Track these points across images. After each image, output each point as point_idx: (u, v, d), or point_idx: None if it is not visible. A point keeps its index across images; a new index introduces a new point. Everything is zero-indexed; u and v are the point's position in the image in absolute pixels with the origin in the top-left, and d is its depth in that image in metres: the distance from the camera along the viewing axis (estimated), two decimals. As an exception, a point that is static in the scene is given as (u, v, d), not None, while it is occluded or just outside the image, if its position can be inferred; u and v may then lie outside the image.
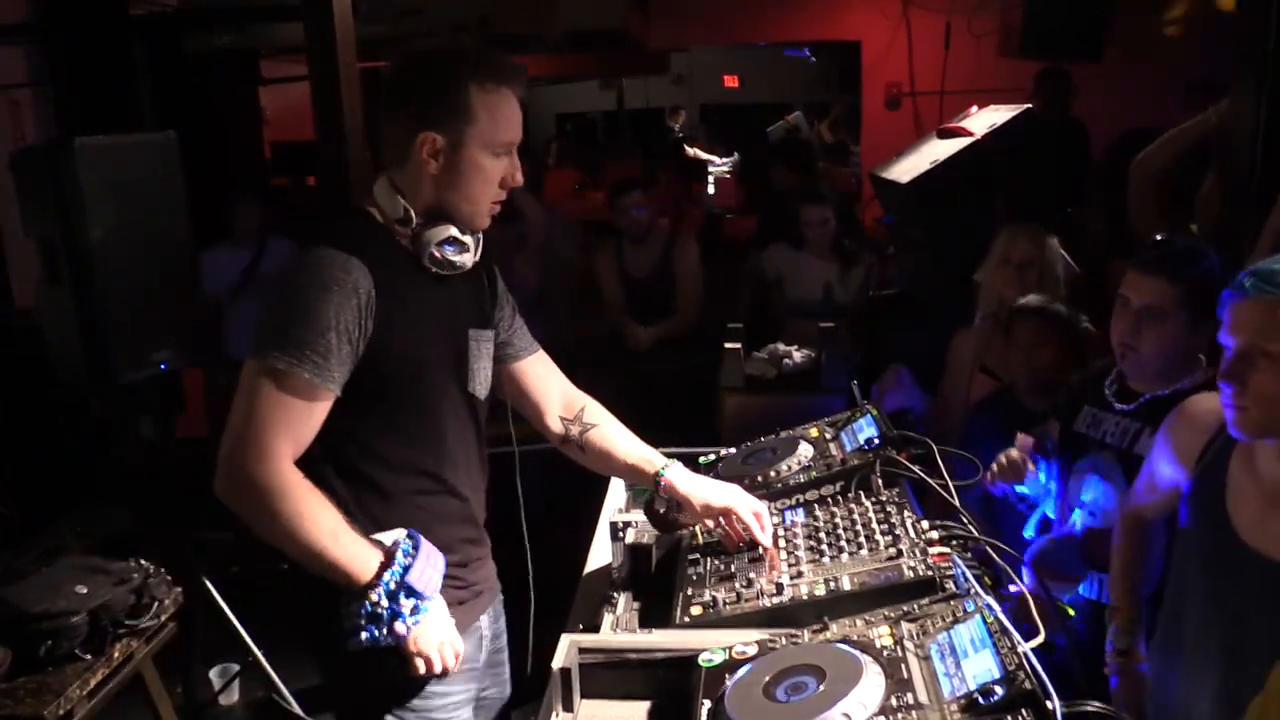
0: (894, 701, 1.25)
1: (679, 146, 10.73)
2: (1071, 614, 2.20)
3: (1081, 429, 2.26)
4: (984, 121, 3.82)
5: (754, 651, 1.43)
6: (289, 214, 5.21)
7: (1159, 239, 2.28)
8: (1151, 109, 4.96)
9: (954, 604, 1.44)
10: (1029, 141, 3.92)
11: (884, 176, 4.01)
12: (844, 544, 1.73)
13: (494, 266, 1.93)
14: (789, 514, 1.93)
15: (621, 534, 1.98)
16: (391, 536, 1.64)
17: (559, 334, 4.65)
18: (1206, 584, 1.73)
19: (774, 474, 2.10)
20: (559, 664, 1.53)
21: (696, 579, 1.76)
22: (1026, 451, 2.29)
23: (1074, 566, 2.20)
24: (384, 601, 1.58)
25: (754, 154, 9.54)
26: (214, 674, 3.46)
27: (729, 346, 3.83)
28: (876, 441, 2.06)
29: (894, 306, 4.62)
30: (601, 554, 2.10)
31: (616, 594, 1.81)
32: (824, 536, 1.78)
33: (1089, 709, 1.24)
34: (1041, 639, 1.30)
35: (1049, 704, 1.17)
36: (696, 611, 1.63)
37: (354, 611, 1.59)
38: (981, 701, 1.20)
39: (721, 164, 10.43)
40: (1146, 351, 2.09)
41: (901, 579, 1.57)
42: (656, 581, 1.85)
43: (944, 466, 1.94)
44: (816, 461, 2.11)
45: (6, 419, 3.98)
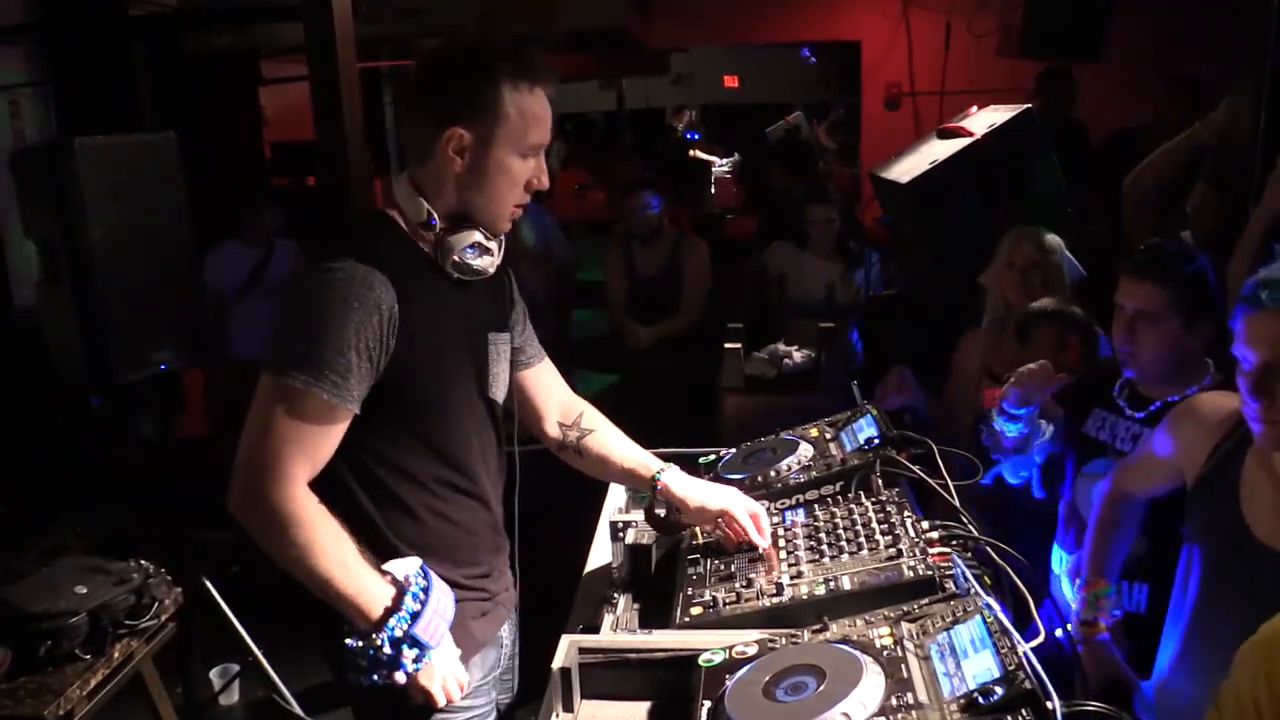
0: (894, 701, 1.25)
1: (682, 147, 10.73)
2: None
3: (1091, 432, 2.26)
4: (984, 121, 3.82)
5: (754, 651, 1.43)
6: (290, 215, 5.20)
7: (1149, 243, 2.28)
8: (1151, 109, 4.96)
9: (954, 604, 1.43)
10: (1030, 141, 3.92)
11: (884, 176, 4.01)
12: (844, 544, 1.73)
13: (511, 276, 1.90)
14: (789, 514, 1.92)
15: (621, 534, 1.98)
16: (404, 569, 1.59)
17: (555, 336, 4.66)
18: (1225, 590, 1.72)
19: (774, 474, 2.10)
20: (559, 664, 1.53)
21: (696, 579, 1.76)
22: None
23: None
24: (387, 648, 1.53)
25: (754, 154, 9.55)
26: (214, 674, 3.46)
27: (729, 346, 3.83)
28: (876, 441, 2.06)
29: (894, 306, 4.62)
30: (601, 554, 2.10)
31: (616, 594, 1.81)
32: (824, 536, 1.78)
33: (1089, 709, 1.25)
34: (1041, 639, 1.30)
35: (1049, 704, 1.17)
36: (696, 611, 1.63)
37: (356, 651, 1.55)
38: (981, 701, 1.20)
39: (722, 164, 10.43)
40: (1145, 356, 2.10)
41: (901, 579, 1.57)
42: (656, 582, 1.85)
43: (944, 466, 1.94)
44: (816, 461, 2.11)
45: (6, 419, 3.99)
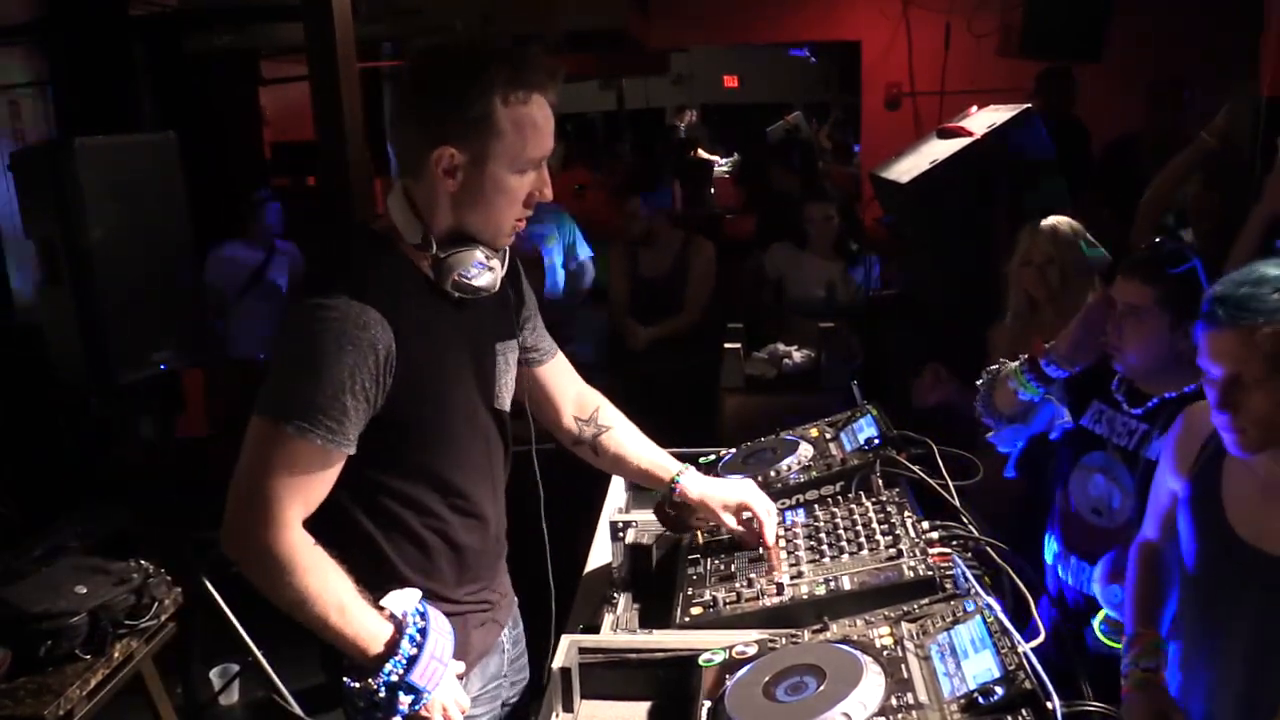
0: (894, 701, 1.25)
1: (684, 147, 10.72)
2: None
3: (1088, 424, 2.27)
4: (984, 121, 3.82)
5: (754, 651, 1.43)
6: (290, 215, 5.20)
7: (1146, 244, 2.29)
8: (1151, 110, 4.96)
9: (954, 604, 1.44)
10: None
11: (884, 176, 4.01)
12: (844, 544, 1.73)
13: (519, 268, 1.85)
14: (789, 514, 1.93)
15: (621, 534, 1.98)
16: (403, 605, 1.55)
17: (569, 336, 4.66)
18: (1211, 588, 1.74)
19: (774, 474, 2.10)
20: (559, 664, 1.53)
21: (696, 579, 1.76)
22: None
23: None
24: (383, 693, 1.50)
25: (754, 154, 9.54)
26: (214, 674, 3.46)
27: (729, 346, 3.83)
28: (876, 441, 2.06)
29: (894, 306, 4.62)
30: (601, 554, 2.10)
31: (617, 594, 1.81)
32: (824, 536, 1.78)
33: (1089, 709, 1.25)
34: (1041, 639, 1.31)
35: (1049, 704, 1.17)
36: (696, 611, 1.63)
37: (354, 691, 1.52)
38: (981, 701, 1.20)
39: (722, 164, 10.43)
40: (1129, 351, 2.12)
41: (901, 579, 1.57)
42: (656, 582, 1.85)
43: (944, 466, 1.94)
44: (816, 461, 2.11)
45: (6, 419, 3.99)
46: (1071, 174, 4.51)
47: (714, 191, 9.43)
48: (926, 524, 1.74)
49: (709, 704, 1.36)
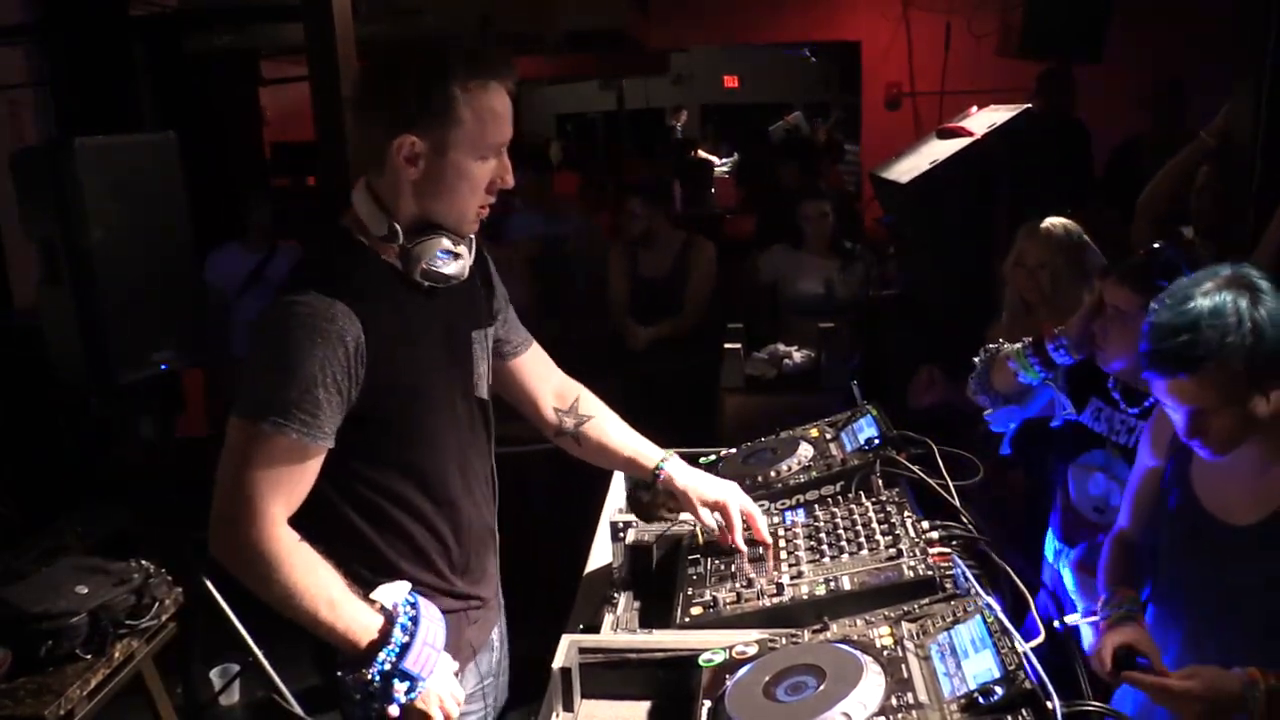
0: (894, 701, 1.25)
1: (684, 147, 10.73)
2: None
3: (1088, 422, 2.27)
4: (984, 121, 3.82)
5: (754, 651, 1.43)
6: (289, 215, 5.20)
7: (1148, 249, 2.29)
8: (1151, 110, 4.96)
9: (954, 604, 1.44)
10: (1031, 142, 3.92)
11: (884, 176, 4.01)
12: (844, 544, 1.73)
13: (488, 261, 1.88)
14: (789, 514, 1.92)
15: (622, 534, 1.98)
16: (392, 596, 1.56)
17: (578, 336, 4.65)
18: (1184, 562, 1.82)
19: (774, 474, 2.10)
20: (559, 664, 1.53)
21: (697, 579, 1.76)
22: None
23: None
24: (378, 682, 1.51)
25: (754, 154, 9.54)
26: (214, 674, 3.46)
27: (729, 347, 3.83)
28: (876, 441, 2.06)
29: (894, 306, 4.62)
30: (602, 554, 2.09)
31: (617, 594, 1.81)
32: (824, 536, 1.78)
33: (1089, 709, 1.25)
34: (1042, 639, 1.31)
35: (1049, 704, 1.17)
36: (696, 611, 1.63)
37: (349, 684, 1.53)
38: (981, 701, 1.20)
39: (722, 164, 10.44)
40: (1112, 353, 2.13)
41: (901, 579, 1.57)
42: (656, 581, 1.85)
43: (944, 466, 1.94)
44: (816, 461, 2.11)
45: (6, 419, 3.98)
46: (1071, 174, 4.52)
47: (714, 191, 9.44)
48: (926, 524, 1.74)
49: (709, 704, 1.36)
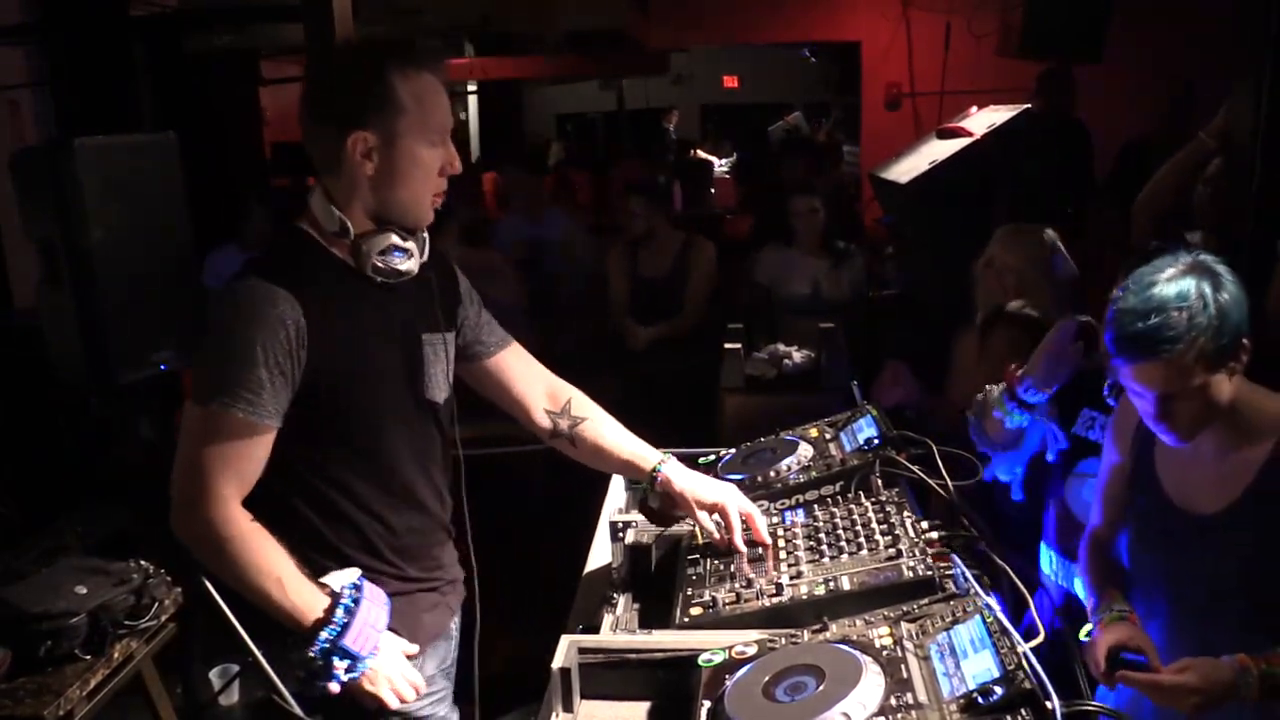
0: (893, 701, 1.25)
1: (682, 147, 10.73)
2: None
3: (1081, 432, 2.26)
4: (983, 121, 3.83)
5: (754, 651, 1.43)
6: (290, 215, 5.19)
7: (1148, 250, 2.28)
8: (1152, 111, 4.96)
9: (954, 604, 1.44)
10: (1031, 142, 3.92)
11: (883, 177, 4.02)
12: (844, 544, 1.73)
13: (452, 265, 1.92)
14: (789, 514, 1.92)
15: (621, 534, 1.98)
16: (340, 581, 1.64)
17: (572, 338, 4.66)
18: (1149, 550, 1.86)
19: (774, 474, 2.10)
20: (559, 664, 1.53)
21: (696, 579, 1.76)
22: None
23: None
24: (320, 660, 1.59)
25: (753, 154, 9.55)
26: (214, 674, 3.46)
27: (729, 346, 3.83)
28: (876, 441, 2.06)
29: (894, 306, 4.62)
30: (601, 554, 2.09)
31: (616, 594, 1.81)
32: (824, 537, 1.78)
33: (1089, 709, 1.25)
34: (1041, 638, 1.30)
35: (1049, 704, 1.17)
36: (696, 612, 1.63)
37: (294, 661, 1.60)
38: (981, 701, 1.20)
39: (722, 164, 10.44)
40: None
41: (901, 579, 1.57)
42: (656, 582, 1.85)
43: (944, 466, 1.94)
44: (816, 461, 2.10)
45: (6, 419, 3.98)
46: (1071, 175, 4.53)
47: (713, 191, 9.44)
48: (926, 524, 1.74)
49: (708, 704, 1.36)
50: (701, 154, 10.63)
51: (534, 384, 2.00)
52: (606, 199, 8.22)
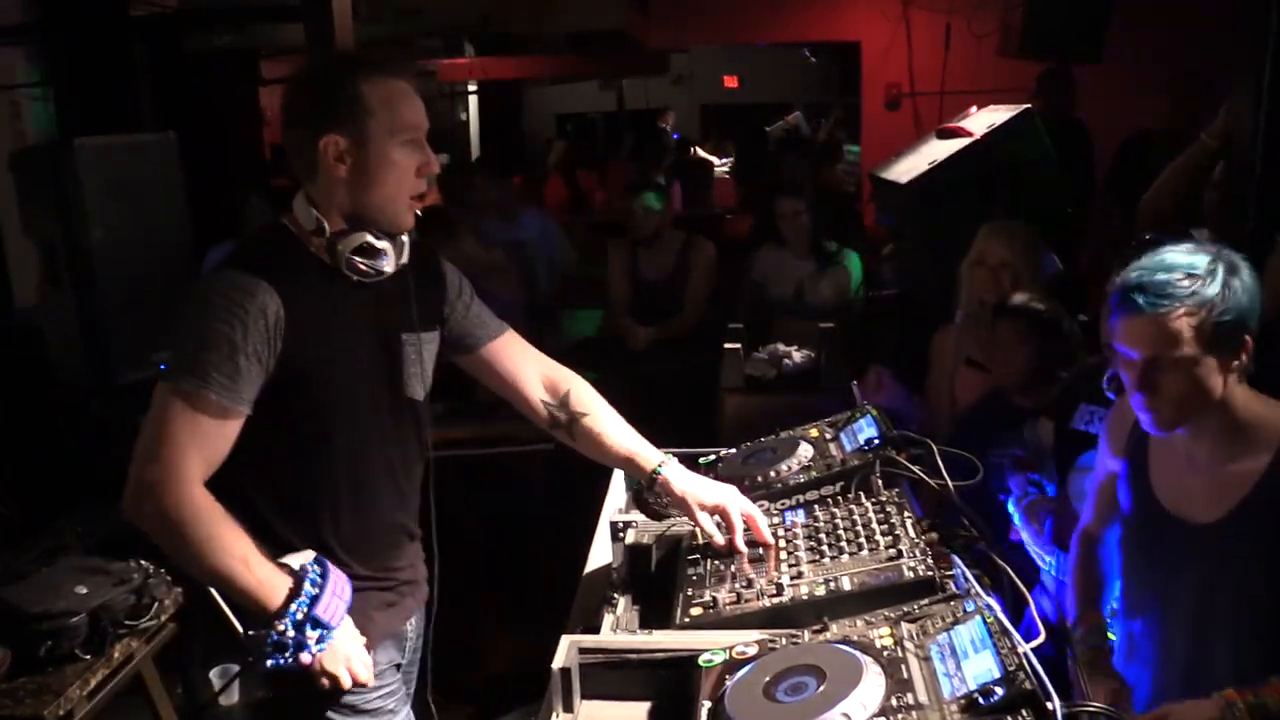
0: (894, 702, 1.25)
1: (681, 148, 10.73)
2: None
3: (1080, 426, 2.27)
4: (984, 121, 3.82)
5: (754, 652, 1.42)
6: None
7: (1144, 240, 2.28)
8: (1152, 110, 4.96)
9: (954, 604, 1.43)
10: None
11: (883, 177, 4.01)
12: (844, 544, 1.73)
13: (440, 264, 1.93)
14: (789, 514, 1.92)
15: (621, 534, 1.97)
16: (299, 560, 1.66)
17: (556, 338, 4.65)
18: (1143, 558, 1.84)
19: (774, 474, 2.10)
20: (559, 664, 1.52)
21: (696, 579, 1.76)
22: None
23: None
24: (290, 632, 1.59)
25: (753, 154, 9.54)
26: (214, 674, 3.46)
27: (729, 346, 3.83)
28: (876, 442, 2.06)
29: (893, 307, 4.61)
30: (601, 554, 2.09)
31: (616, 594, 1.81)
32: (824, 537, 1.78)
33: (1089, 709, 1.25)
34: (1042, 639, 1.30)
35: (1049, 704, 1.17)
36: (696, 612, 1.63)
37: (261, 638, 1.61)
38: (981, 702, 1.20)
39: (722, 164, 10.44)
40: None
41: (901, 579, 1.57)
42: (656, 582, 1.85)
43: (944, 466, 1.94)
44: (816, 462, 2.10)
45: (6, 419, 3.98)
46: (1072, 175, 4.52)
47: (713, 191, 9.44)
48: (926, 524, 1.74)
49: (709, 704, 1.36)
50: (701, 153, 10.64)
51: (531, 373, 2.00)
52: (605, 198, 8.23)
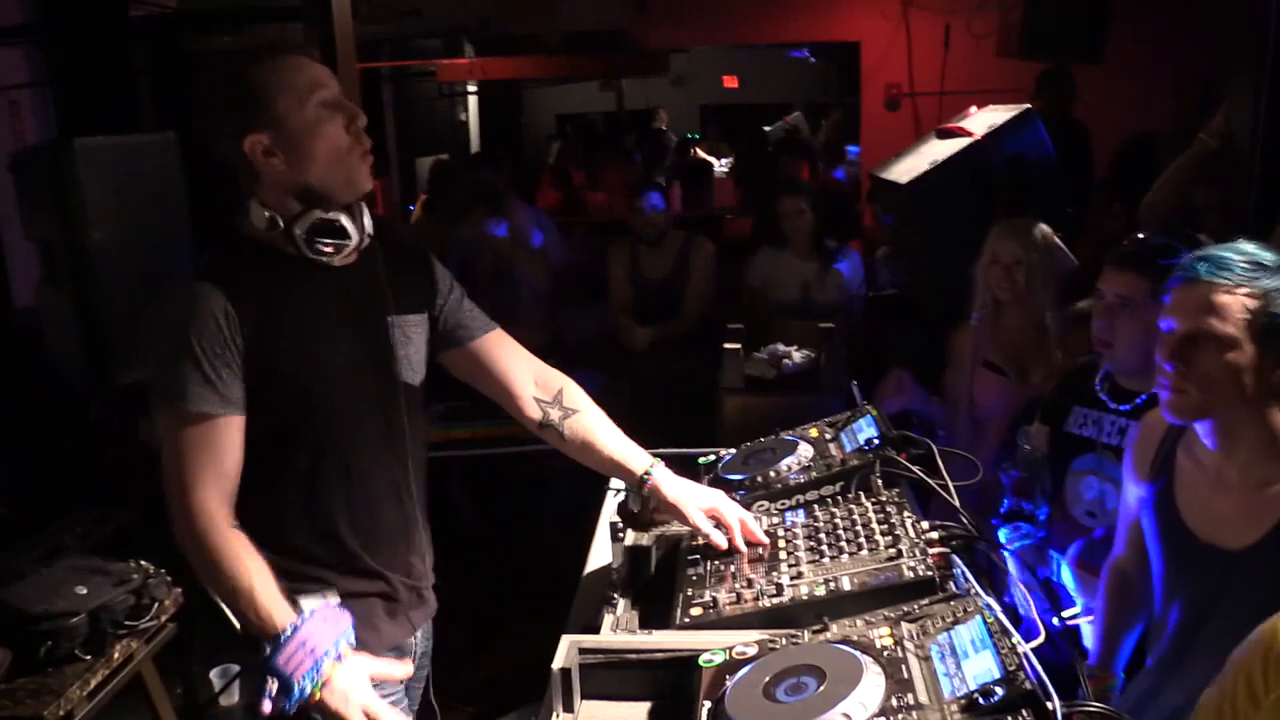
0: (894, 702, 1.25)
1: (682, 148, 10.72)
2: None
3: (1074, 430, 2.26)
4: (983, 122, 3.82)
5: (754, 652, 1.42)
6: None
7: (1135, 236, 2.28)
8: (1152, 110, 4.96)
9: (954, 604, 1.43)
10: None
11: (883, 177, 4.01)
12: (844, 544, 1.73)
13: (429, 256, 1.91)
14: (789, 514, 1.92)
15: (621, 535, 1.97)
16: (309, 603, 1.64)
17: (549, 336, 4.65)
18: (1172, 585, 1.78)
19: (774, 474, 2.09)
20: (559, 664, 1.52)
21: (696, 580, 1.76)
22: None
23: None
24: (261, 675, 1.58)
25: (753, 154, 9.54)
26: (214, 674, 3.46)
27: (729, 347, 3.83)
28: (876, 442, 2.06)
29: (892, 307, 4.61)
30: (601, 555, 2.09)
31: (616, 595, 1.81)
32: (824, 537, 1.78)
33: (1089, 709, 1.24)
34: (1042, 639, 1.30)
35: (1049, 704, 1.16)
36: (696, 612, 1.63)
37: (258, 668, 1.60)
38: (982, 702, 1.20)
39: (722, 164, 10.44)
40: (1121, 345, 2.11)
41: (901, 579, 1.57)
42: (656, 582, 1.85)
43: (944, 466, 1.94)
44: (816, 462, 2.10)
45: (6, 419, 3.98)
46: (1072, 175, 4.52)
47: (713, 192, 9.44)
48: (926, 524, 1.74)
49: (709, 704, 1.36)
50: (701, 154, 10.63)
51: (522, 371, 1.96)
52: (603, 199, 8.22)
